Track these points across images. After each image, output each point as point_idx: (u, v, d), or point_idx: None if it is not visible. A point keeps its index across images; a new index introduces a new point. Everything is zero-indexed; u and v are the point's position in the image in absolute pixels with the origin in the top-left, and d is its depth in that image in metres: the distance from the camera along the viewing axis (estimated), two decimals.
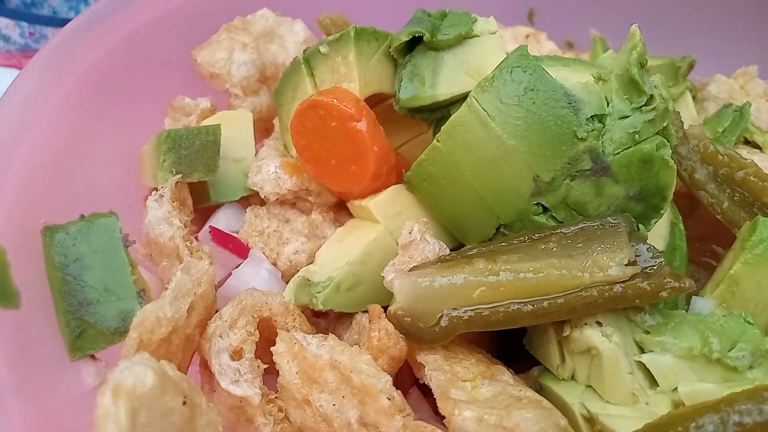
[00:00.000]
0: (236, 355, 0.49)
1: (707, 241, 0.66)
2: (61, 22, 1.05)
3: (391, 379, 0.44)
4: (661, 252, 0.48)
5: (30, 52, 1.07)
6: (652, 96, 0.48)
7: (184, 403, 0.38)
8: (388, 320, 0.48)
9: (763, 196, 0.58)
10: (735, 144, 0.69)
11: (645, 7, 0.87)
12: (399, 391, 0.44)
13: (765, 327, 0.52)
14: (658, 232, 0.57)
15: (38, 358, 0.47)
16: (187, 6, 0.69)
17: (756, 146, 0.71)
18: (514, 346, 0.56)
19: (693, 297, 0.55)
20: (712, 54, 0.81)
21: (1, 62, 1.03)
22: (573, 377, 0.50)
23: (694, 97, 0.78)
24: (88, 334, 0.47)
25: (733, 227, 0.58)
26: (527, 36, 0.83)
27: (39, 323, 0.47)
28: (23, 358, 0.45)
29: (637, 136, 0.49)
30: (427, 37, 0.55)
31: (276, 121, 0.67)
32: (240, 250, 0.61)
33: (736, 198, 0.59)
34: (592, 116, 0.49)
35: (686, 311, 0.53)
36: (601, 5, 0.89)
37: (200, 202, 0.63)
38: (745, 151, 0.67)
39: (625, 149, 0.49)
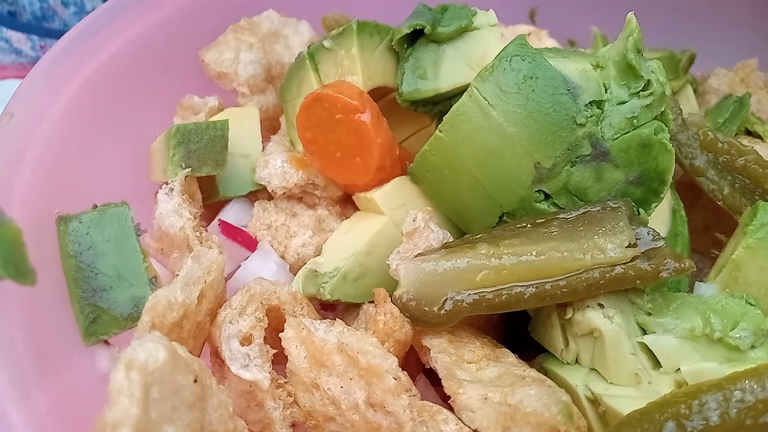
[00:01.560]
0: (246, 340, 0.50)
1: (711, 231, 0.67)
2: None
3: (397, 360, 0.44)
4: (661, 235, 0.49)
5: None
6: (649, 81, 0.49)
7: (195, 381, 0.39)
8: (393, 304, 0.49)
9: (764, 182, 0.59)
10: (736, 134, 0.70)
11: (645, 3, 0.88)
12: (405, 372, 0.45)
13: None
14: (660, 219, 0.57)
15: (55, 343, 0.48)
16: (194, 7, 0.71)
17: (757, 136, 0.71)
18: (519, 337, 0.56)
19: (696, 283, 0.56)
20: (712, 47, 0.82)
21: (13, 74, 1.05)
22: (577, 361, 0.50)
23: (695, 90, 0.79)
24: (102, 319, 0.48)
25: (735, 214, 0.59)
26: (529, 34, 0.83)
27: (55, 310, 0.49)
28: (41, 344, 0.47)
29: (635, 120, 0.50)
30: (428, 29, 0.57)
31: (282, 119, 0.68)
32: (248, 242, 0.62)
33: (737, 185, 0.60)
34: (590, 102, 0.50)
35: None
36: (602, 2, 0.90)
37: (209, 198, 0.64)
38: (746, 141, 0.68)
39: (624, 134, 0.50)
